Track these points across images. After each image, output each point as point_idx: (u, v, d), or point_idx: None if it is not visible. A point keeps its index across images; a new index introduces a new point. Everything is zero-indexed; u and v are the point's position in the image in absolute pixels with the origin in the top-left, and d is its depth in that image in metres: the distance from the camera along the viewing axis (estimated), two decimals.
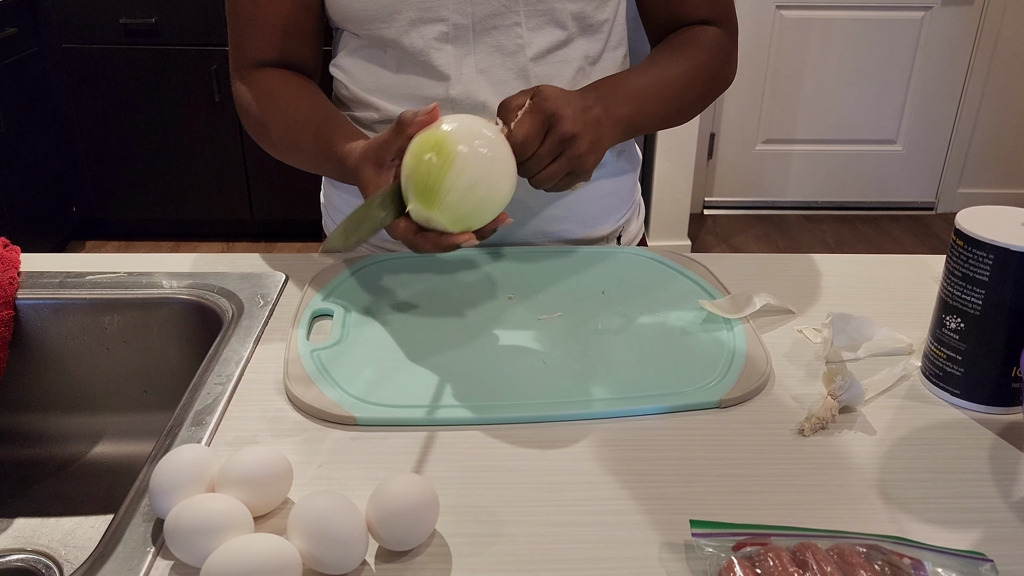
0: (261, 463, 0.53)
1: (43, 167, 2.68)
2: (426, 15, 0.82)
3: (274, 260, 0.89)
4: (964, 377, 0.66)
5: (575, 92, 0.74)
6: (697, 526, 0.51)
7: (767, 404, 0.67)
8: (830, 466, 0.60)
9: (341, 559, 0.49)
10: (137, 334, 0.84)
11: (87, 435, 0.86)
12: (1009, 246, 0.61)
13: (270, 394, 0.67)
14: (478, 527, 0.54)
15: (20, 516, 0.79)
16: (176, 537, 0.49)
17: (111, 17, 2.64)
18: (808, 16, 3.05)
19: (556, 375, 0.68)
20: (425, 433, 0.62)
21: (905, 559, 0.48)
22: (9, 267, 0.84)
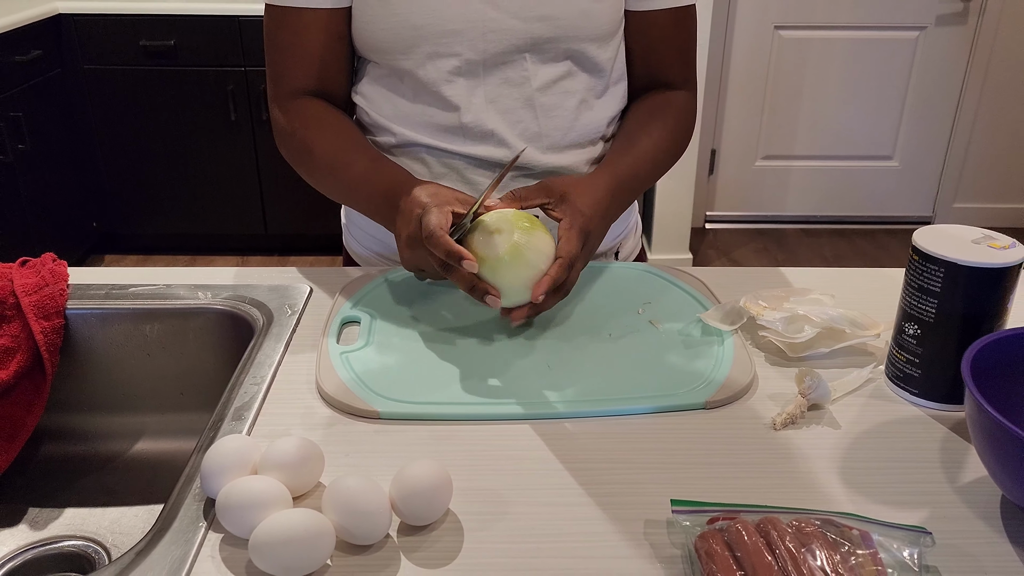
0: (297, 450, 0.61)
1: (65, 184, 2.78)
2: (441, 50, 0.90)
3: (299, 273, 0.97)
4: (921, 378, 0.74)
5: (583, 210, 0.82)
6: (677, 504, 0.59)
7: (747, 404, 0.74)
8: (797, 456, 0.67)
9: (368, 531, 0.57)
10: (175, 341, 0.92)
11: (129, 433, 0.94)
12: (957, 260, 0.69)
13: (301, 392, 0.75)
14: (486, 506, 0.62)
15: (70, 507, 0.87)
16: (226, 512, 0.57)
17: (131, 39, 2.74)
18: (806, 36, 3.14)
19: (558, 377, 0.76)
20: (440, 426, 0.70)
21: (855, 531, 0.56)
22: (59, 280, 0.93)
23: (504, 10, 0.89)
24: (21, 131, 2.52)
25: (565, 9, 0.89)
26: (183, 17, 2.71)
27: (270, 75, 0.97)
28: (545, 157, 0.95)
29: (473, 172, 0.95)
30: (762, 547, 0.53)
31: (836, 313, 0.83)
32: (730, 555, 0.54)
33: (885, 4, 3.08)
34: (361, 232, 1.06)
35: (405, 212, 0.82)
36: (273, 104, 0.97)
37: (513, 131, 0.93)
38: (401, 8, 0.88)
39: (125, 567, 0.56)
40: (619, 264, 1.00)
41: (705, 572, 0.54)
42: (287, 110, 0.96)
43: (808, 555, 0.53)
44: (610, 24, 0.93)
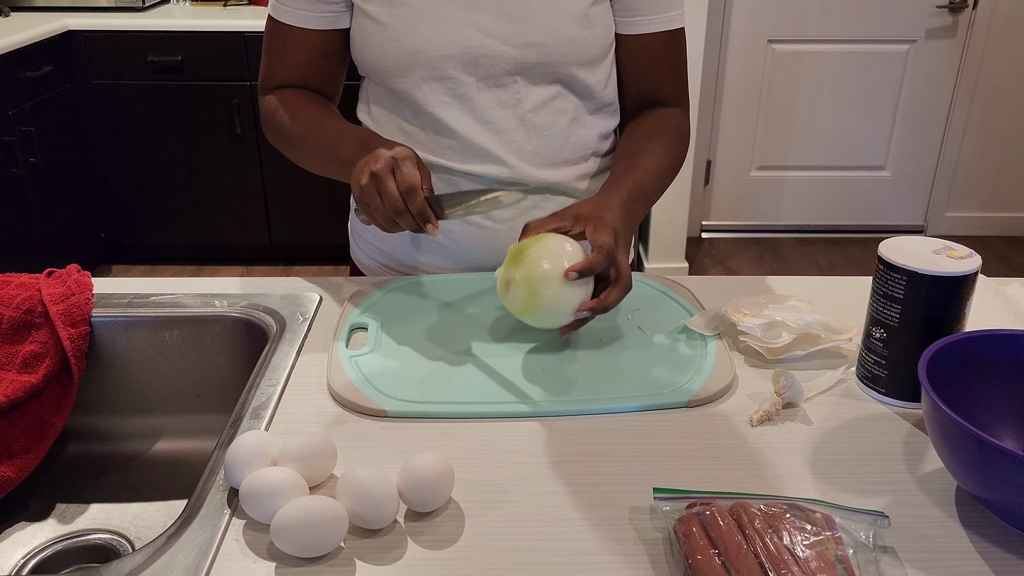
0: (312, 443, 0.67)
1: (74, 195, 2.85)
2: (436, 74, 0.97)
3: (309, 283, 1.03)
4: (888, 378, 0.79)
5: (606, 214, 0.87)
6: (659, 492, 0.65)
7: (727, 403, 0.80)
8: (771, 450, 0.73)
9: (378, 516, 0.63)
10: (193, 347, 0.98)
11: (150, 433, 1.00)
12: (919, 270, 0.75)
13: (314, 393, 0.81)
14: (485, 495, 0.67)
15: (95, 502, 0.93)
16: (249, 500, 0.63)
17: (139, 55, 2.81)
18: (798, 49, 3.21)
19: (552, 379, 0.82)
20: (443, 424, 0.76)
21: (818, 515, 0.61)
22: (84, 289, 0.99)
23: (495, 37, 0.95)
24: (32, 145, 2.58)
25: (553, 36, 0.95)
26: (190, 33, 2.78)
27: (262, 71, 1.07)
28: (539, 173, 1.01)
29: (472, 187, 1.01)
30: (734, 528, 0.59)
31: (812, 319, 0.89)
32: (705, 536, 0.60)
33: (876, 18, 3.15)
34: (367, 244, 1.12)
35: (377, 153, 0.84)
36: (261, 94, 1.07)
37: (507, 150, 0.99)
38: (398, 34, 0.95)
39: (158, 549, 0.62)
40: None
41: (683, 552, 0.59)
42: (270, 96, 1.05)
43: (775, 535, 0.59)
44: (598, 50, 0.99)
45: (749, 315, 0.90)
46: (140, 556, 0.62)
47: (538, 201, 1.04)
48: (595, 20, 0.97)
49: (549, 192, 1.04)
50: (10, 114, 2.49)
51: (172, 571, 0.60)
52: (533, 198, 1.04)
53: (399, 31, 0.95)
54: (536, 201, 1.04)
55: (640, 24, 1.01)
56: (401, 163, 0.83)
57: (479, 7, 0.94)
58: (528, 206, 1.04)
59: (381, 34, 0.96)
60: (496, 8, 0.94)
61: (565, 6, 0.95)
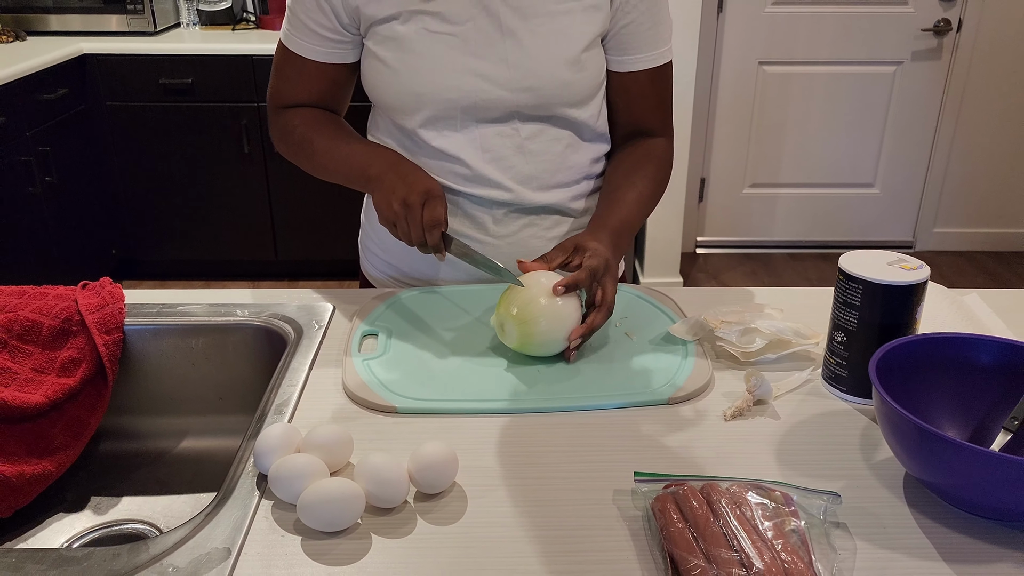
0: (332, 433, 0.76)
1: (87, 213, 2.94)
2: (440, 114, 1.06)
3: (322, 294, 1.12)
4: (849, 378, 0.88)
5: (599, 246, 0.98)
6: (639, 475, 0.73)
7: (704, 400, 0.89)
8: (741, 440, 0.82)
9: (391, 496, 0.71)
10: (216, 353, 1.07)
11: (176, 432, 1.08)
12: (873, 279, 0.84)
13: (330, 393, 0.89)
14: (485, 480, 0.76)
15: (127, 495, 1.01)
16: (278, 482, 0.72)
17: (152, 78, 2.91)
18: (788, 71, 3.31)
19: (546, 379, 0.91)
20: (447, 419, 0.85)
21: (778, 493, 0.70)
22: (117, 300, 1.07)
23: (493, 82, 1.03)
24: (49, 164, 2.68)
25: (547, 81, 1.04)
26: (200, 57, 2.88)
27: (272, 90, 1.14)
28: (536, 196, 1.10)
29: (474, 208, 1.10)
30: (704, 505, 0.68)
31: (783, 325, 0.97)
32: (679, 511, 0.68)
33: (863, 41, 3.25)
34: (376, 258, 1.21)
35: (411, 182, 0.99)
36: (273, 110, 1.14)
37: (506, 175, 1.08)
38: (404, 78, 1.04)
39: (197, 525, 0.70)
40: None
41: (659, 525, 0.68)
42: (286, 113, 1.12)
43: (738, 510, 0.67)
44: (589, 91, 1.08)
45: (726, 322, 0.98)
46: (182, 531, 0.70)
47: (534, 219, 1.13)
48: (587, 64, 1.05)
49: (545, 212, 1.13)
50: (27, 135, 2.59)
51: (211, 543, 0.68)
52: (530, 216, 1.13)
53: (406, 75, 1.03)
54: (533, 219, 1.13)
55: (630, 63, 1.09)
56: (432, 200, 0.98)
57: (479, 55, 1.03)
58: (525, 223, 1.13)
59: (389, 75, 1.05)
60: (494, 56, 1.03)
61: (559, 53, 1.03)
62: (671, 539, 0.65)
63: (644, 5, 1.05)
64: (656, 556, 0.67)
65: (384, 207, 1.00)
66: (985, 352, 0.80)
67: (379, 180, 1.02)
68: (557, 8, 1.02)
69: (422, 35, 1.02)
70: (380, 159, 1.06)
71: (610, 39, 1.08)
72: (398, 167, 1.03)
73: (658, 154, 1.14)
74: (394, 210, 0.98)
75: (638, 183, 1.11)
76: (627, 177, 1.12)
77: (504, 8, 1.01)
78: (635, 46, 1.08)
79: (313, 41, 1.07)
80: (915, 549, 0.68)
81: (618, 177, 1.12)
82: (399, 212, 0.98)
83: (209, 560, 0.66)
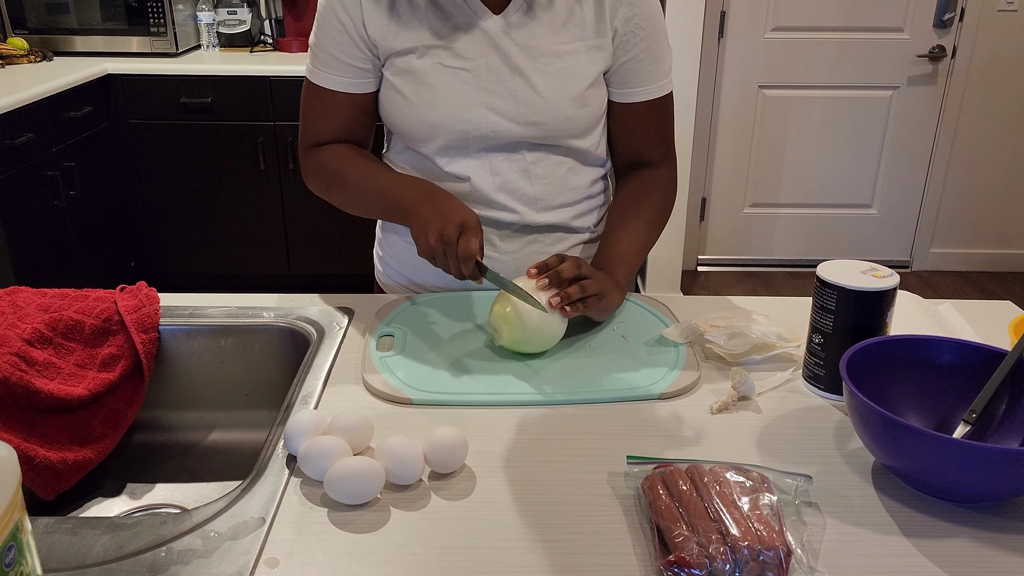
0: (355, 418, 0.84)
1: (108, 226, 3.04)
2: (452, 143, 1.14)
3: (341, 299, 1.21)
4: (826, 376, 0.96)
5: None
6: (631, 458, 0.81)
7: (693, 396, 0.97)
8: (726, 431, 0.90)
9: (407, 474, 0.79)
10: (244, 352, 1.15)
11: (204, 426, 1.16)
12: (847, 286, 0.92)
13: (351, 387, 0.98)
14: (492, 462, 0.84)
15: (159, 482, 1.09)
16: (307, 460, 0.80)
17: (172, 97, 3.02)
18: (788, 95, 3.41)
19: (548, 376, 0.99)
20: (458, 410, 0.93)
21: (755, 473, 0.78)
22: (153, 302, 1.16)
23: (503, 116, 1.12)
24: (73, 179, 2.78)
25: (553, 117, 1.12)
26: (219, 77, 2.99)
27: (303, 130, 1.21)
28: (539, 216, 1.19)
29: (483, 227, 1.18)
30: (688, 483, 0.76)
31: (767, 329, 1.05)
32: (666, 489, 0.76)
33: (861, 66, 3.35)
34: (392, 270, 1.29)
35: (446, 213, 1.02)
36: (304, 150, 1.21)
37: (513, 197, 1.17)
38: (420, 109, 1.12)
39: (234, 498, 0.79)
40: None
41: (648, 501, 0.76)
42: (318, 151, 1.19)
43: (719, 487, 0.75)
44: (590, 124, 1.16)
45: (715, 327, 1.07)
46: (219, 504, 0.78)
47: (538, 236, 1.22)
48: (590, 100, 1.14)
49: (548, 231, 1.21)
50: (54, 151, 2.69)
51: (247, 513, 0.76)
52: (535, 234, 1.21)
53: (422, 107, 1.12)
54: (537, 236, 1.21)
55: (632, 95, 1.17)
56: (466, 233, 1.01)
57: (490, 90, 1.11)
58: (530, 240, 1.21)
59: (406, 106, 1.13)
60: (505, 92, 1.11)
61: (564, 90, 1.11)
62: (658, 512, 0.73)
63: (644, 44, 1.13)
64: (645, 528, 0.75)
65: (422, 241, 1.03)
66: (946, 352, 0.88)
67: (415, 213, 1.05)
68: (563, 48, 1.11)
69: (437, 69, 1.10)
70: (415, 191, 1.09)
71: (612, 74, 1.16)
72: (434, 198, 1.06)
73: (659, 184, 1.22)
74: (431, 244, 1.01)
75: (629, 223, 1.18)
76: (621, 219, 1.19)
77: (514, 48, 1.10)
78: (636, 80, 1.16)
79: (342, 73, 1.14)
80: (879, 526, 0.76)
81: (621, 211, 1.20)
82: (436, 247, 1.01)
83: (246, 527, 0.75)
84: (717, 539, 0.69)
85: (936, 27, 3.30)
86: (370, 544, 0.73)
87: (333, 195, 1.21)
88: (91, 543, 0.74)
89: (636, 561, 0.71)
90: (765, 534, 0.69)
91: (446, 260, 1.02)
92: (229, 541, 0.73)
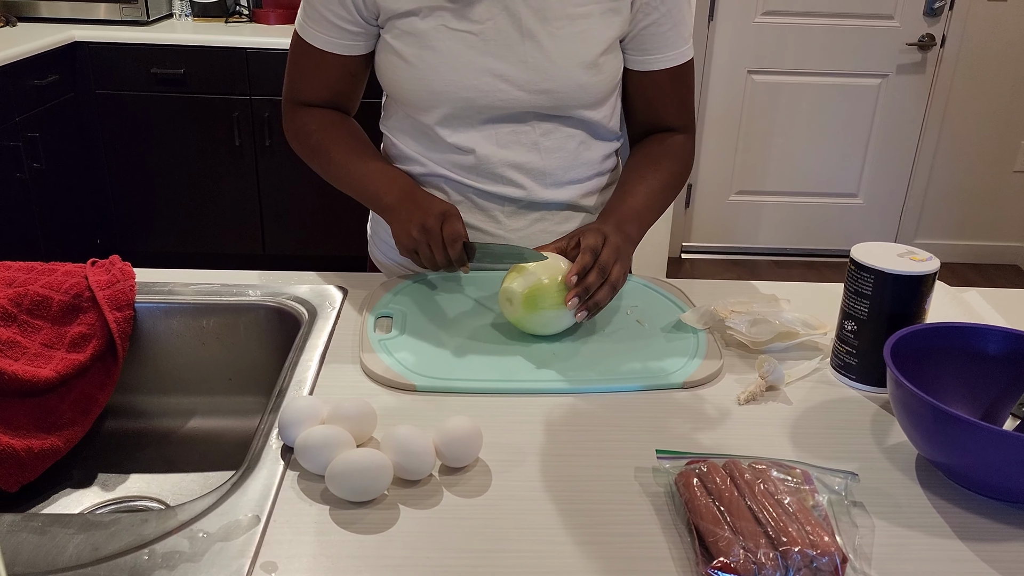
0: (358, 406, 0.76)
1: (74, 201, 2.91)
2: (456, 112, 1.06)
3: (332, 278, 1.12)
4: (858, 366, 0.90)
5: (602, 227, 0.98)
6: (661, 452, 0.75)
7: (717, 385, 0.90)
8: (756, 423, 0.83)
9: (417, 468, 0.72)
10: (227, 332, 1.07)
11: (183, 412, 1.08)
12: (885, 269, 0.86)
13: (348, 370, 0.90)
14: (508, 455, 0.77)
15: (134, 473, 1.00)
16: (305, 452, 0.72)
17: (143, 67, 2.89)
18: (777, 80, 3.36)
19: (562, 362, 0.92)
20: (466, 397, 0.86)
21: (797, 470, 0.71)
22: (128, 277, 1.07)
23: (512, 83, 1.04)
24: (37, 150, 2.65)
25: (565, 84, 1.04)
26: (193, 48, 2.87)
27: (288, 85, 1.13)
28: (549, 192, 1.11)
29: (487, 202, 1.12)
30: (727, 480, 0.69)
31: (791, 316, 0.99)
32: (703, 487, 0.69)
33: (850, 53, 3.31)
34: (387, 246, 1.21)
35: (425, 208, 1.00)
36: (289, 105, 1.14)
37: (521, 171, 1.09)
38: (423, 73, 1.04)
39: (224, 494, 0.71)
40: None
41: (684, 500, 0.69)
42: (303, 113, 1.12)
43: (762, 485, 0.69)
44: (604, 93, 1.08)
45: (736, 312, 1.00)
46: (208, 499, 0.70)
47: (546, 214, 1.14)
48: (604, 67, 1.06)
49: (556, 208, 1.14)
50: (16, 120, 2.56)
51: (240, 511, 0.69)
52: (542, 211, 1.14)
53: (424, 72, 1.03)
54: (544, 214, 1.14)
55: (652, 62, 1.09)
56: (448, 219, 0.99)
57: (498, 55, 1.03)
58: (537, 218, 1.14)
59: (407, 71, 1.04)
60: (514, 57, 1.03)
61: (577, 56, 1.03)
62: (697, 512, 0.67)
63: (665, 7, 1.06)
64: (680, 529, 0.68)
65: (403, 236, 1.01)
66: (993, 341, 0.83)
67: (394, 211, 1.04)
68: (577, 11, 1.03)
69: (441, 32, 1.02)
70: (394, 187, 1.06)
71: (630, 40, 1.08)
72: (412, 195, 1.04)
73: (675, 150, 1.15)
74: (413, 237, 0.99)
75: (649, 176, 1.12)
76: (638, 171, 1.13)
77: (524, 9, 1.02)
78: (656, 46, 1.09)
79: (331, 33, 1.07)
80: (931, 528, 0.70)
81: (631, 171, 1.13)
82: (419, 238, 0.99)
83: (239, 526, 0.67)
84: (765, 543, 0.63)
85: (926, 15, 3.27)
86: (378, 546, 0.66)
87: (313, 165, 1.15)
88: (63, 544, 0.65)
89: (674, 566, 0.65)
90: (817, 538, 0.63)
91: (430, 250, 0.99)
92: (220, 543, 0.65)
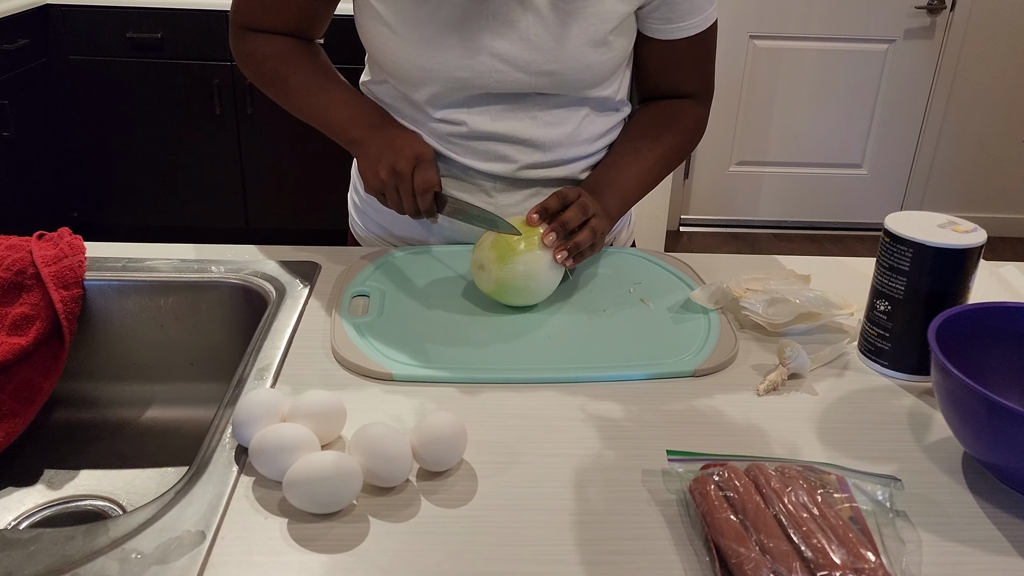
0: (324, 401, 0.66)
1: (47, 172, 2.79)
2: (447, 92, 0.94)
3: (306, 252, 1.02)
4: (891, 351, 0.80)
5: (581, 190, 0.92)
6: (672, 454, 0.65)
7: (732, 372, 0.80)
8: (778, 418, 0.74)
9: (391, 474, 0.62)
10: (188, 313, 0.96)
11: (140, 401, 0.98)
12: (924, 242, 0.76)
13: (318, 357, 0.80)
14: (497, 456, 0.67)
15: (84, 468, 0.91)
16: (260, 455, 0.62)
17: (118, 31, 2.75)
18: (779, 46, 3.23)
19: (558, 347, 0.82)
20: (449, 388, 0.75)
21: (832, 476, 0.62)
22: (77, 252, 0.96)
23: (511, 64, 0.92)
24: (7, 118, 2.52)
25: (570, 65, 0.92)
26: (170, 10, 2.73)
27: (240, 8, 1.00)
28: (545, 170, 1.00)
29: (479, 177, 1.00)
30: (751, 488, 0.59)
31: (812, 295, 0.89)
32: (722, 496, 0.60)
33: (856, 17, 3.18)
34: (368, 219, 1.10)
35: (398, 147, 0.91)
36: (237, 31, 1.01)
37: (513, 144, 0.98)
38: (411, 47, 0.92)
39: (166, 504, 0.61)
40: (611, 248, 1.05)
41: (700, 511, 0.59)
42: (254, 37, 1.00)
43: (792, 495, 0.59)
44: (612, 71, 0.97)
45: (752, 291, 0.90)
46: (148, 511, 0.60)
47: (540, 189, 1.02)
48: (614, 44, 0.94)
49: (553, 184, 1.02)
50: None
51: (182, 525, 0.59)
52: (537, 186, 1.02)
53: (413, 44, 0.91)
54: (539, 189, 1.02)
55: (673, 31, 0.97)
56: (422, 164, 0.91)
57: (499, 32, 0.91)
58: (531, 192, 1.02)
59: (394, 42, 0.92)
60: (515, 35, 0.91)
61: (587, 33, 0.91)
62: (717, 528, 0.57)
63: None
64: (697, 546, 0.59)
65: (371, 176, 0.92)
66: None
67: (364, 145, 0.94)
68: None
69: (433, 2, 0.90)
70: (363, 119, 0.96)
71: (652, 9, 0.96)
72: (384, 130, 0.94)
73: (683, 119, 1.05)
74: (382, 179, 0.91)
75: (644, 149, 1.02)
76: (634, 142, 1.03)
77: None
78: (680, 13, 0.96)
79: None
80: (987, 543, 0.60)
81: (625, 140, 1.03)
82: (388, 181, 0.91)
83: (180, 545, 0.57)
84: (799, 567, 0.53)
85: None
86: (345, 568, 0.56)
87: (268, 93, 1.03)
88: None
89: None
90: (861, 560, 0.53)
91: (397, 195, 0.92)
92: (156, 566, 0.55)
